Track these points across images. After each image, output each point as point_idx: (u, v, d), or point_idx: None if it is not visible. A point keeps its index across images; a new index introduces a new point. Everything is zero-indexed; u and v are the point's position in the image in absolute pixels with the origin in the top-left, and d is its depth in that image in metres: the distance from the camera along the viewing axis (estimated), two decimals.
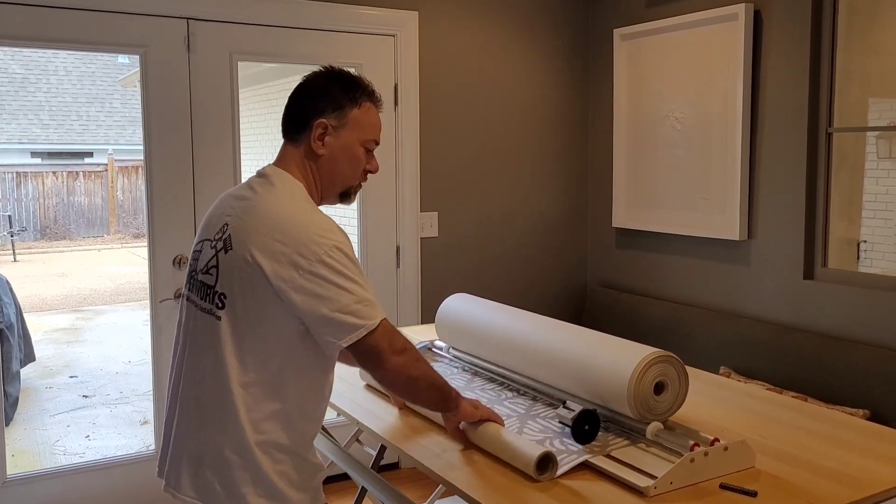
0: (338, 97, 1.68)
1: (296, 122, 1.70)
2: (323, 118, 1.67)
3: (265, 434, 1.60)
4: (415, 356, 1.65)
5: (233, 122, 3.46)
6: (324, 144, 1.68)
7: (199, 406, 1.64)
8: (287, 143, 1.73)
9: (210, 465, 1.61)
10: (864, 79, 3.31)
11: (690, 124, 3.69)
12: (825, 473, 1.67)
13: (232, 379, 1.58)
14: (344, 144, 1.70)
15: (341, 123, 1.69)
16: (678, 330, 3.69)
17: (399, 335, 1.63)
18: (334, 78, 1.72)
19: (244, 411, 1.58)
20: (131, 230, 14.53)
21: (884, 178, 3.38)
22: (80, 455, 4.67)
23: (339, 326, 1.55)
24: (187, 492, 1.64)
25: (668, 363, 1.79)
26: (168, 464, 1.71)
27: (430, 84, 3.88)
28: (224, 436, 1.59)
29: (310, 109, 1.68)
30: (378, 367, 1.61)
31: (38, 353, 6.15)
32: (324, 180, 1.72)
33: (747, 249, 3.52)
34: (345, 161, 1.71)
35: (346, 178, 1.73)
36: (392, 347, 1.60)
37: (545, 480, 1.62)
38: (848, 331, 3.14)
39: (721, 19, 3.49)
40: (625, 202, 4.10)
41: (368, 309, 1.57)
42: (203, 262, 1.67)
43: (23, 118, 14.97)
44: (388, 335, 1.60)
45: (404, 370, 1.63)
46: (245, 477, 1.59)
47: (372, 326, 1.57)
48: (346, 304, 1.55)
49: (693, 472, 1.60)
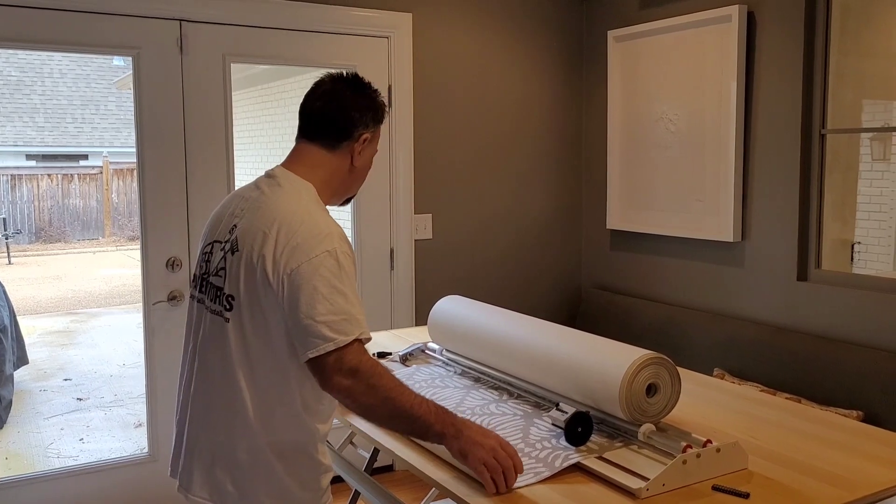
0: (376, 112, 1.77)
1: (339, 130, 1.72)
2: (367, 132, 1.75)
3: (276, 434, 1.61)
4: (367, 382, 1.51)
5: (226, 125, 3.45)
6: (361, 156, 1.76)
7: (210, 407, 1.65)
8: (312, 145, 1.73)
9: (222, 466, 1.63)
10: (858, 81, 3.32)
11: (684, 126, 3.70)
12: (817, 475, 1.67)
13: (241, 380, 1.59)
14: (369, 156, 1.80)
15: (374, 137, 1.79)
16: (672, 331, 3.69)
17: (362, 355, 1.52)
18: (364, 90, 1.78)
19: (254, 412, 1.59)
20: (126, 232, 14.49)
21: (878, 180, 3.39)
22: (73, 458, 4.66)
23: (308, 335, 1.50)
24: (200, 492, 1.66)
25: (660, 365, 1.79)
26: (181, 465, 1.72)
27: (424, 86, 3.87)
28: (235, 437, 1.61)
29: (357, 122, 1.73)
30: (323, 384, 1.53)
31: (31, 355, 6.14)
32: (346, 187, 1.79)
33: (741, 251, 3.53)
34: (365, 171, 1.81)
35: (360, 185, 1.84)
36: (338, 366, 1.49)
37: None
38: (841, 332, 3.14)
39: (714, 21, 3.49)
40: (619, 204, 4.10)
41: (346, 324, 1.51)
42: (214, 265, 1.68)
43: (18, 121, 14.93)
44: (354, 352, 1.50)
45: (350, 394, 1.51)
46: (257, 477, 1.61)
47: (342, 343, 1.49)
48: (320, 313, 1.50)
49: (685, 474, 1.60)
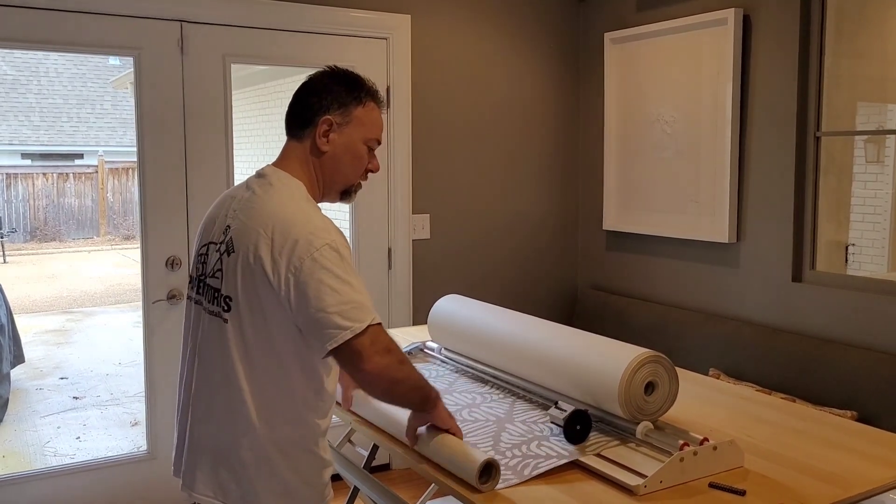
0: (342, 95, 1.72)
1: (301, 118, 1.72)
2: (328, 115, 1.70)
3: (277, 431, 1.62)
4: (398, 357, 1.60)
5: (226, 124, 3.46)
6: (328, 141, 1.71)
7: (212, 407, 1.66)
8: (291, 140, 1.75)
9: (225, 464, 1.64)
10: (853, 83, 3.35)
11: (680, 127, 3.72)
12: (812, 472, 1.69)
13: (242, 379, 1.61)
14: (347, 142, 1.72)
15: (345, 121, 1.71)
16: (668, 332, 3.71)
17: (385, 335, 1.58)
18: (339, 77, 1.75)
19: (255, 410, 1.61)
20: (121, 232, 14.47)
21: (872, 182, 3.42)
22: (70, 456, 4.66)
23: (323, 327, 1.53)
24: (203, 490, 1.67)
25: (658, 363, 1.81)
26: (184, 464, 1.73)
27: (422, 87, 3.89)
28: (238, 435, 1.62)
29: (315, 106, 1.71)
30: (358, 368, 1.55)
31: (28, 354, 6.13)
32: (326, 177, 1.74)
33: (736, 252, 3.55)
34: (347, 158, 1.73)
35: (348, 175, 1.76)
36: (375, 347, 1.54)
37: (487, 490, 1.59)
38: (836, 333, 3.17)
39: (711, 24, 3.51)
40: (615, 205, 4.12)
41: (357, 311, 1.54)
42: (210, 266, 1.69)
43: (13, 119, 14.90)
44: (372, 336, 1.54)
45: (387, 372, 1.57)
46: (260, 474, 1.62)
47: (358, 330, 1.53)
48: (330, 304, 1.53)
49: (682, 472, 1.62)
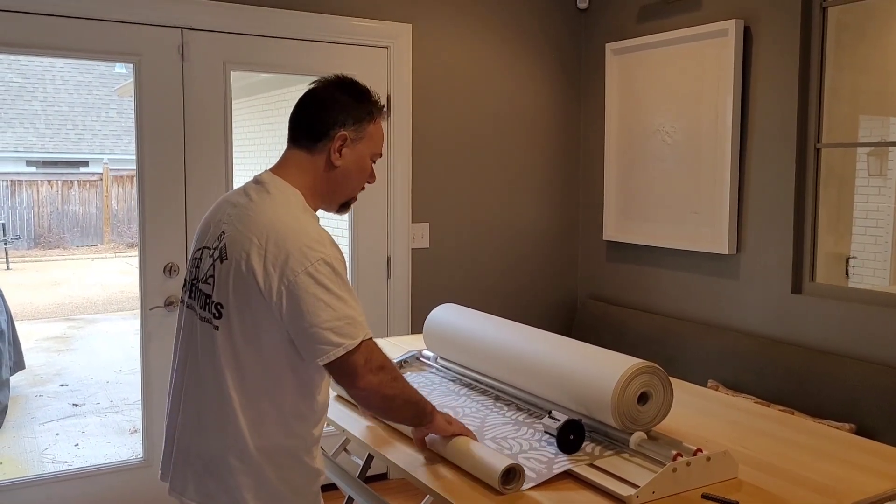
0: (357, 110, 1.71)
1: (314, 130, 1.70)
2: (344, 130, 1.69)
3: (266, 439, 1.62)
4: (392, 375, 1.62)
5: (226, 132, 3.47)
6: (341, 156, 1.70)
7: (200, 413, 1.66)
8: (295, 149, 1.73)
9: (213, 471, 1.64)
10: (853, 96, 3.34)
11: (681, 138, 3.72)
12: (807, 484, 1.68)
13: (231, 387, 1.60)
14: (357, 157, 1.72)
15: (358, 136, 1.71)
16: (667, 343, 3.70)
17: (378, 352, 1.60)
18: (347, 88, 1.73)
19: (244, 418, 1.60)
20: (125, 239, 14.50)
21: (874, 195, 3.41)
22: (68, 463, 4.65)
23: (316, 343, 1.54)
24: (192, 496, 1.67)
25: (652, 374, 1.80)
26: (172, 469, 1.73)
27: (422, 96, 3.90)
28: (226, 442, 1.61)
29: (330, 120, 1.69)
30: (352, 385, 1.57)
31: (28, 361, 6.14)
32: (331, 190, 1.73)
33: (736, 263, 3.54)
34: (355, 173, 1.74)
35: (352, 188, 1.76)
36: (369, 366, 1.56)
37: (511, 493, 1.62)
38: (835, 345, 3.16)
39: (712, 35, 3.52)
40: (615, 215, 4.12)
41: (350, 327, 1.54)
42: (203, 271, 1.68)
43: (19, 127, 14.97)
44: (366, 353, 1.56)
45: (380, 389, 1.59)
46: (247, 482, 1.62)
47: (350, 346, 1.54)
48: (324, 320, 1.53)
49: (675, 482, 1.61)
